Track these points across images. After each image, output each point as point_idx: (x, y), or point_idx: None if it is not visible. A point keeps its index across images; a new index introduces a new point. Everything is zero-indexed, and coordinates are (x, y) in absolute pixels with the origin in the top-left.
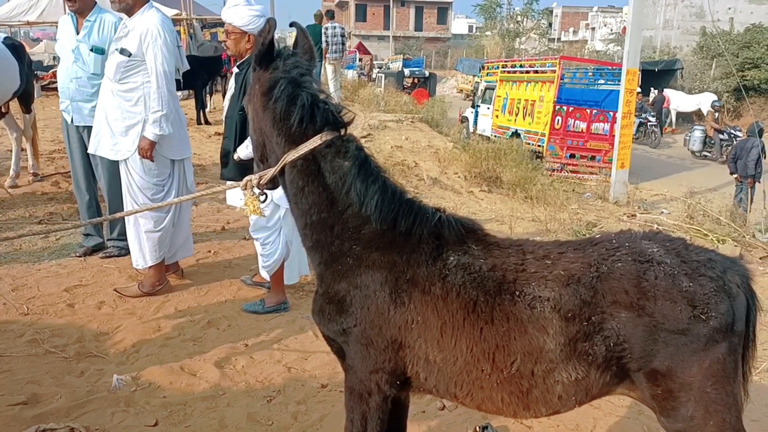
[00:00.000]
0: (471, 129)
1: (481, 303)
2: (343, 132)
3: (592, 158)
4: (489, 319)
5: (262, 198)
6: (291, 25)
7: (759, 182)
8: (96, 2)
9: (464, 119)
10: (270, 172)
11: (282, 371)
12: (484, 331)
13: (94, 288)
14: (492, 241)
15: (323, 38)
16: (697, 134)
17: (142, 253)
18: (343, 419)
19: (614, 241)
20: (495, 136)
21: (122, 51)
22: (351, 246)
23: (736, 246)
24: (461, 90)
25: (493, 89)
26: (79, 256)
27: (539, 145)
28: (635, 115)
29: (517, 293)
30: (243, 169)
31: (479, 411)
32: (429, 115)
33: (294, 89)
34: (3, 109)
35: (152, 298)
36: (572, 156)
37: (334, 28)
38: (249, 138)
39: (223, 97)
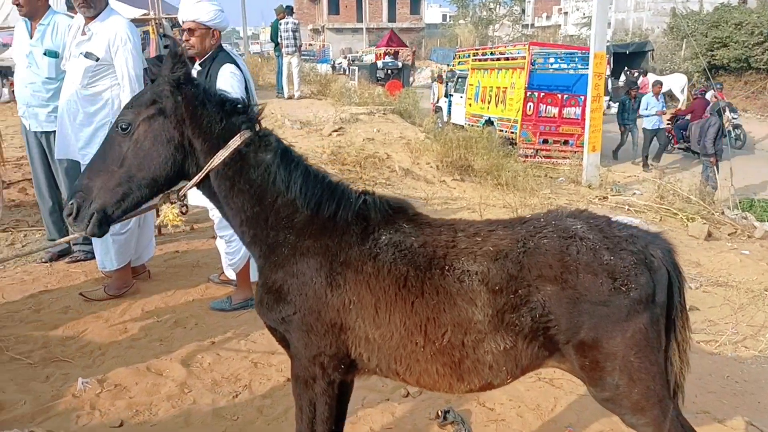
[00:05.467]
0: (445, 118)
1: (412, 278)
2: (258, 127)
3: (565, 143)
4: (419, 292)
5: (184, 210)
6: (165, 47)
7: (720, 160)
8: (49, 5)
9: (438, 109)
10: (192, 182)
11: (248, 366)
12: (415, 304)
13: (59, 293)
14: (424, 221)
15: (279, 33)
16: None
17: (108, 256)
18: None
19: (542, 219)
20: (469, 125)
21: (88, 55)
22: (286, 235)
23: (705, 223)
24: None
25: (465, 78)
26: (45, 262)
27: (512, 132)
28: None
29: (447, 267)
30: None
31: (419, 387)
32: (402, 106)
33: (206, 96)
34: None
35: (119, 301)
36: (545, 141)
37: (287, 23)
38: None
39: None
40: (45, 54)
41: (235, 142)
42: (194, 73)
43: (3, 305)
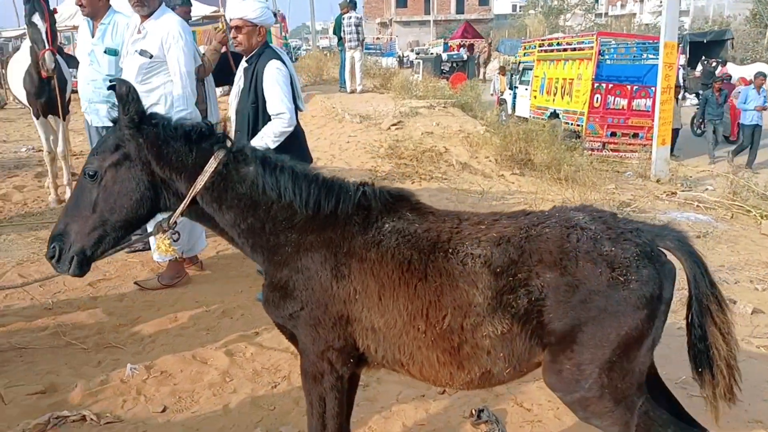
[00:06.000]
0: (509, 111)
1: (416, 260)
2: (229, 143)
3: (635, 135)
4: (423, 275)
5: (175, 237)
6: (110, 87)
7: None
8: (110, 5)
9: (502, 102)
10: (178, 211)
11: (289, 358)
12: (417, 287)
13: (117, 281)
14: (427, 210)
15: (342, 28)
16: None
17: None
18: None
19: (547, 212)
20: (533, 118)
21: (142, 53)
22: (287, 236)
23: None
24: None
25: (531, 69)
26: None
27: (578, 125)
28: None
29: (451, 251)
30: None
31: (424, 380)
32: (463, 99)
33: (167, 131)
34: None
35: (171, 290)
36: (613, 134)
37: (350, 18)
38: (262, 132)
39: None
40: (105, 52)
41: (211, 166)
42: (241, 69)
43: (64, 292)
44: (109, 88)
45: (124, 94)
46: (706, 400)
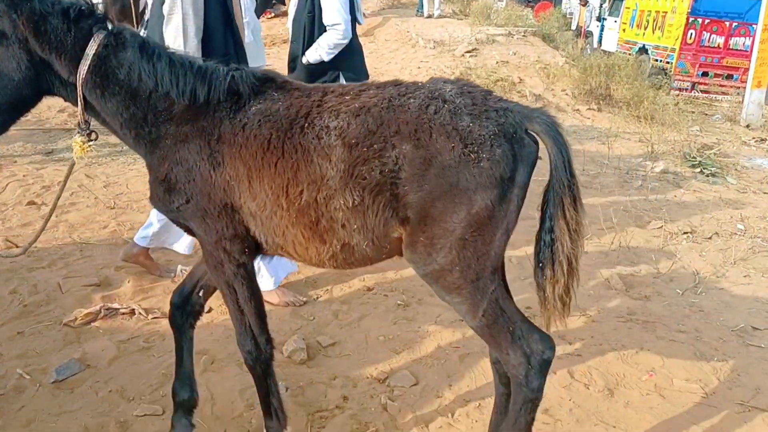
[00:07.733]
0: (595, 45)
1: (274, 139)
2: (110, 26)
3: (729, 77)
4: (281, 153)
5: (93, 137)
6: None
7: None
8: None
9: (589, 34)
10: (80, 108)
11: (332, 272)
12: (278, 166)
13: None
14: (294, 86)
15: None
16: None
17: None
18: (380, 320)
19: (420, 84)
20: (620, 53)
21: None
22: (166, 128)
23: None
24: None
25: (622, 0)
26: None
27: (668, 62)
28: None
29: (307, 125)
30: (310, 72)
31: (302, 261)
32: (544, 29)
33: (44, 7)
34: None
35: None
36: (705, 74)
37: None
38: (316, 43)
39: None
40: None
41: (92, 48)
42: None
43: (126, 194)
44: None
45: None
46: (540, 303)
